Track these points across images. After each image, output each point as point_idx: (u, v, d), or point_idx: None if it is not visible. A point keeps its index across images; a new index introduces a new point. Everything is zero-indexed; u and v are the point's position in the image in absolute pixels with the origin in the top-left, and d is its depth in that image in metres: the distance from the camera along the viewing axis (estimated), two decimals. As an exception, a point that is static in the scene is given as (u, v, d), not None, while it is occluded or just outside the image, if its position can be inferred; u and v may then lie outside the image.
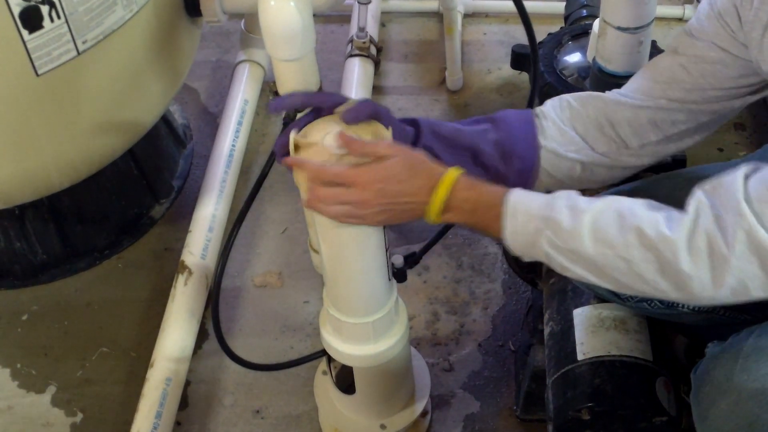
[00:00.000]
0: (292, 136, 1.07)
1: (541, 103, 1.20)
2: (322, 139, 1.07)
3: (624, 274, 0.96)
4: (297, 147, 1.07)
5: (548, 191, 1.04)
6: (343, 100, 1.10)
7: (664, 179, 1.26)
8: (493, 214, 1.01)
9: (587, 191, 1.35)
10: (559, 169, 1.16)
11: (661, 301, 1.22)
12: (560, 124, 1.16)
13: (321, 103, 1.11)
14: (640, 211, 0.95)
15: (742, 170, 0.91)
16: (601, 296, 1.30)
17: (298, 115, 1.13)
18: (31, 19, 1.30)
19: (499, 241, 1.04)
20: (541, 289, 1.50)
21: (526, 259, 1.03)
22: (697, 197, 0.93)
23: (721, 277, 0.90)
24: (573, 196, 1.00)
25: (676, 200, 1.19)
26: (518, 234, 1.00)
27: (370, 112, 1.08)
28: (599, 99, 1.17)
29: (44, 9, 1.30)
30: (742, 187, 0.89)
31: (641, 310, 1.28)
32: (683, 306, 1.22)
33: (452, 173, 1.04)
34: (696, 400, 1.08)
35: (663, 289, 0.95)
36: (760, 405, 0.99)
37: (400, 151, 1.03)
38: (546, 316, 1.42)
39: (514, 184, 1.07)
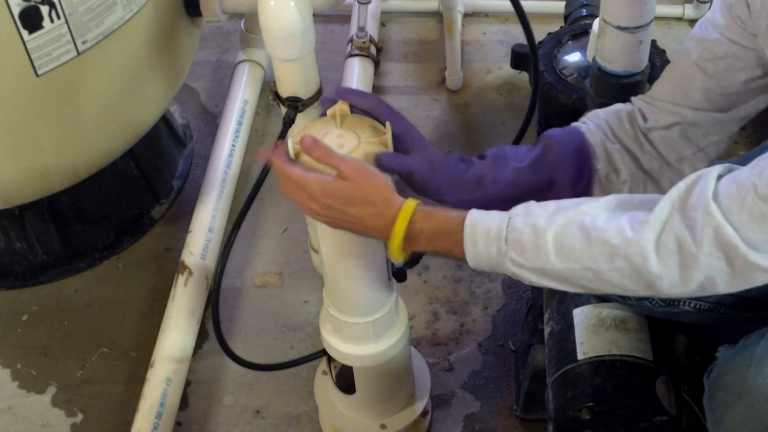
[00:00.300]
0: (290, 144, 1.07)
1: (540, 103, 1.20)
2: (322, 139, 1.07)
3: (593, 282, 0.96)
4: (297, 155, 1.07)
5: None
6: (396, 121, 1.11)
7: None
8: (453, 241, 1.01)
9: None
10: (608, 191, 1.14)
11: (662, 300, 1.22)
12: (609, 144, 1.15)
13: (373, 111, 1.12)
14: (602, 221, 0.94)
15: (715, 170, 0.92)
16: (601, 295, 1.30)
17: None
18: (31, 20, 1.30)
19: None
20: (540, 288, 1.50)
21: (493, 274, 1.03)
22: (669, 197, 0.92)
23: (690, 274, 0.91)
24: (531, 210, 0.98)
25: None
26: (481, 258, 1.00)
27: (371, 104, 1.08)
28: (633, 115, 1.16)
29: (44, 9, 1.30)
30: (713, 186, 0.90)
31: (642, 309, 1.28)
32: (684, 304, 1.22)
33: (408, 205, 1.03)
34: (710, 405, 1.08)
35: (632, 289, 0.95)
36: None
37: (360, 177, 1.02)
38: (546, 316, 1.42)
39: None
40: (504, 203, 1.02)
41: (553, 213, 0.97)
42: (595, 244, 0.93)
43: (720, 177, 0.91)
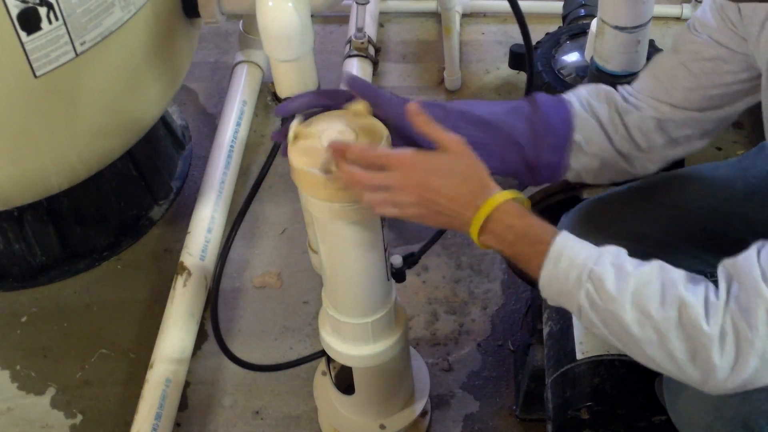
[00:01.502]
0: (294, 125, 1.04)
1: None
2: (320, 134, 1.04)
3: (655, 348, 0.92)
4: (296, 137, 1.04)
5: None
6: (351, 96, 1.07)
7: (662, 180, 1.26)
8: (536, 250, 0.96)
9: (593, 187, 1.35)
10: (578, 160, 1.14)
11: None
12: (586, 114, 1.14)
13: (328, 103, 1.08)
14: (682, 286, 0.90)
15: (754, 248, 0.89)
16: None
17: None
18: (29, 21, 1.30)
19: (532, 282, 0.97)
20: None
21: (551, 303, 0.98)
22: (723, 279, 0.90)
23: (746, 360, 0.87)
24: (621, 254, 0.95)
25: (673, 201, 1.20)
26: (557, 279, 0.95)
27: (371, 93, 1.05)
28: (612, 96, 1.16)
29: (42, 10, 1.30)
30: (756, 265, 0.87)
31: None
32: None
33: (503, 195, 0.98)
34: (667, 389, 1.09)
35: (689, 374, 0.91)
36: None
37: (462, 151, 0.98)
38: (545, 316, 1.42)
39: (547, 164, 1.06)
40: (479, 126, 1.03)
41: (640, 263, 0.94)
42: (671, 304, 0.89)
43: (759, 252, 0.88)
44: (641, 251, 1.16)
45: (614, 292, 0.91)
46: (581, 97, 1.16)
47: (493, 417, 1.54)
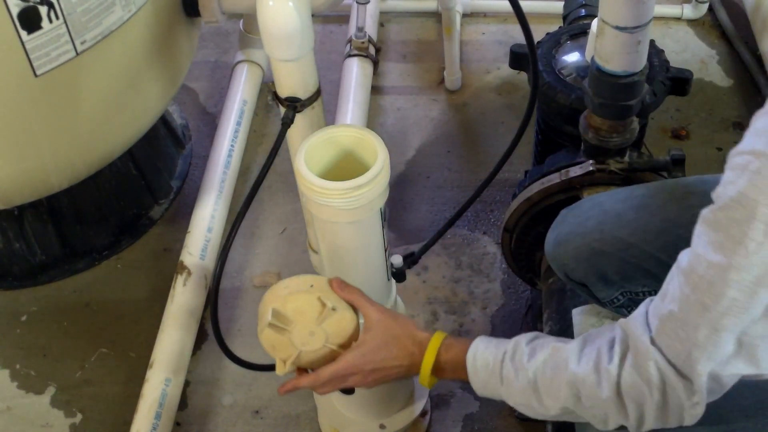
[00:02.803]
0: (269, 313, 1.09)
1: (538, 103, 1.19)
2: (292, 329, 1.10)
3: (576, 418, 1.00)
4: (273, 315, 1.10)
5: None
6: None
7: (662, 188, 1.25)
8: (465, 373, 1.06)
9: (593, 187, 1.35)
10: None
11: None
12: None
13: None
14: (574, 362, 0.96)
15: (644, 305, 0.93)
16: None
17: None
18: (29, 20, 1.30)
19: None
20: (539, 288, 1.51)
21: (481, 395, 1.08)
22: (619, 342, 0.94)
23: (648, 413, 0.92)
24: (519, 348, 1.02)
25: (666, 213, 1.18)
26: (484, 389, 1.05)
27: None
28: None
29: (43, 9, 1.30)
30: (645, 327, 0.91)
31: (623, 315, 1.27)
32: None
33: (435, 340, 1.08)
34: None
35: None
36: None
37: (380, 322, 1.09)
38: (545, 316, 1.42)
39: None
40: None
41: (532, 351, 1.01)
42: (566, 386, 0.96)
43: (647, 312, 0.92)
44: (627, 261, 1.16)
45: (519, 390, 1.00)
46: None
47: (493, 417, 1.54)
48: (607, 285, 1.20)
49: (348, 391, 1.36)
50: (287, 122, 1.19)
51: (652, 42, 1.58)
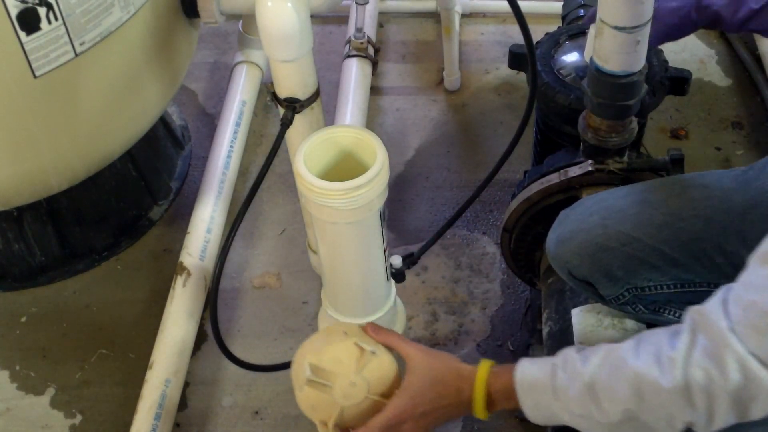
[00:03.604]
0: (307, 365, 1.08)
1: (537, 103, 1.19)
2: (333, 383, 1.08)
3: (636, 428, 0.94)
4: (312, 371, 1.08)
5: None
6: None
7: (662, 184, 1.25)
8: (516, 399, 1.03)
9: (592, 187, 1.35)
10: None
11: (645, 306, 1.23)
12: None
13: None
14: (631, 358, 0.92)
15: (719, 296, 0.89)
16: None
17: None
18: (28, 21, 1.30)
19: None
20: (539, 288, 1.51)
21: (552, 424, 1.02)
22: (688, 330, 0.90)
23: (720, 406, 0.88)
24: (570, 357, 0.98)
25: (669, 207, 1.19)
26: (536, 410, 1.01)
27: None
28: None
29: (41, 10, 1.30)
30: (723, 316, 0.86)
31: (627, 314, 1.27)
32: (668, 312, 1.22)
33: (482, 371, 1.05)
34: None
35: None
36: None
37: (426, 358, 1.08)
38: (544, 316, 1.42)
39: None
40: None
41: (585, 357, 0.96)
42: (627, 383, 0.91)
43: (724, 301, 0.88)
44: (631, 256, 1.16)
45: (575, 399, 0.95)
46: None
47: (494, 417, 1.53)
48: (612, 281, 1.19)
49: None
50: (286, 123, 1.19)
51: (651, 42, 1.58)
